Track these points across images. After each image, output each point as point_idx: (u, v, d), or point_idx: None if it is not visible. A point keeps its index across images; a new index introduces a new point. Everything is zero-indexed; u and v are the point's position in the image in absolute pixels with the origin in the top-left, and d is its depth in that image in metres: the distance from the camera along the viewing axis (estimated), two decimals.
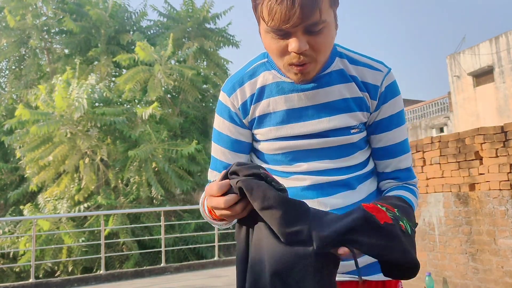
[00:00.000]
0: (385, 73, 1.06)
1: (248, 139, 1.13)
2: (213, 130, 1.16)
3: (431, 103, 20.24)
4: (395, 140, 1.10)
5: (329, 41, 0.95)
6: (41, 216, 10.70)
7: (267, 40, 0.96)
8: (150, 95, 11.92)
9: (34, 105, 12.48)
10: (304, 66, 0.95)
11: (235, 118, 1.10)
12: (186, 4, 14.71)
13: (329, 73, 1.03)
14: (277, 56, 0.97)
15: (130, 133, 11.51)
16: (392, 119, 1.08)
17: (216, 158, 1.16)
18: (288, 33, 0.91)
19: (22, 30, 14.31)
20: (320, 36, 0.92)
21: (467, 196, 4.55)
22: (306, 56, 0.94)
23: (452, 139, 4.72)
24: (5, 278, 11.23)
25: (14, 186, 13.11)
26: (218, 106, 1.14)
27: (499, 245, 4.19)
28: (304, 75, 0.98)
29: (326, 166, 1.05)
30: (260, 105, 1.07)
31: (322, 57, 0.96)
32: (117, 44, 14.15)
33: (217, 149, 1.15)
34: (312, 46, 0.92)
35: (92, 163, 11.69)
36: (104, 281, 6.88)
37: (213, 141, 1.16)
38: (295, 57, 0.93)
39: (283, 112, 1.05)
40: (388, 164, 1.11)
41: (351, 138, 1.05)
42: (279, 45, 0.94)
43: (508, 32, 15.84)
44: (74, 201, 11.38)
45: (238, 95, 1.09)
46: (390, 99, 1.07)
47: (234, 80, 1.10)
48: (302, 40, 0.91)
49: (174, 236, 10.60)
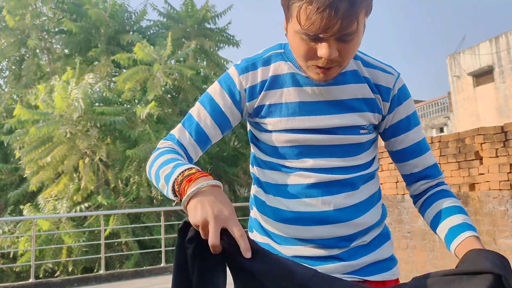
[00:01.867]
0: (396, 76, 1.08)
1: (233, 120, 1.09)
2: (205, 94, 1.10)
3: (431, 103, 20.25)
4: (418, 138, 1.10)
5: (356, 48, 0.96)
6: (41, 216, 10.70)
7: (295, 40, 0.95)
8: (149, 94, 11.92)
9: (34, 104, 12.48)
10: (330, 70, 0.96)
11: (237, 95, 1.07)
12: (186, 4, 14.72)
13: (344, 72, 1.04)
14: (303, 57, 0.96)
15: (129, 133, 11.51)
16: (410, 119, 1.09)
17: (194, 118, 1.08)
18: (321, 38, 0.91)
19: (22, 30, 14.31)
20: (350, 44, 0.92)
21: (467, 196, 4.55)
22: (333, 62, 0.94)
23: (452, 139, 4.72)
24: (5, 278, 11.23)
25: (14, 187, 13.11)
26: (223, 76, 1.10)
27: (499, 245, 4.19)
28: (326, 76, 0.98)
29: (332, 164, 1.04)
30: (272, 94, 1.05)
31: (347, 62, 0.97)
32: (117, 44, 14.15)
33: (201, 111, 1.08)
34: (341, 53, 0.93)
35: (91, 163, 11.69)
36: (104, 281, 6.88)
37: (199, 102, 1.10)
38: (322, 62, 0.94)
39: (296, 104, 1.04)
40: (417, 163, 1.11)
41: (359, 138, 1.05)
42: (308, 48, 0.94)
43: (508, 32, 15.84)
44: (74, 201, 11.38)
45: (250, 77, 1.06)
46: (404, 101, 1.09)
47: (249, 61, 1.08)
48: (333, 47, 0.91)
49: (174, 236, 10.59)
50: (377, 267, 1.05)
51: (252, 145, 1.16)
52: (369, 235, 1.07)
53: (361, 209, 1.05)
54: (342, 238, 1.02)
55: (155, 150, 1.07)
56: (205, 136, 1.08)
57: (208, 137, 1.08)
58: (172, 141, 1.08)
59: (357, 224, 1.03)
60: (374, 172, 1.13)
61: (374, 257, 1.05)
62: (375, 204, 1.11)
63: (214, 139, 1.10)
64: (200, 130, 1.07)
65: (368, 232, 1.07)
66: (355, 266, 1.03)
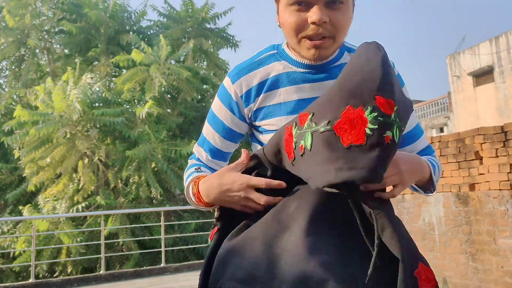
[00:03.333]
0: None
1: (241, 130, 1.14)
2: (210, 111, 1.17)
3: (431, 103, 20.24)
4: (413, 124, 1.13)
5: (346, 21, 0.98)
6: (40, 216, 10.69)
7: (286, 15, 0.98)
8: (147, 95, 11.92)
9: (34, 104, 12.48)
10: (323, 41, 0.97)
11: (235, 108, 1.10)
12: (185, 4, 14.71)
13: (339, 65, 1.05)
14: (294, 30, 0.98)
15: (129, 133, 11.51)
16: None
17: (205, 138, 1.18)
18: (309, 4, 0.95)
19: (22, 30, 14.30)
20: (339, 12, 0.96)
21: (467, 196, 4.54)
22: (325, 30, 0.96)
23: (452, 139, 4.72)
24: (5, 279, 11.23)
25: (14, 186, 13.10)
26: (220, 89, 1.13)
27: (499, 245, 4.19)
28: (320, 51, 0.99)
29: None
30: (271, 95, 1.06)
31: (339, 35, 0.98)
32: (117, 44, 14.13)
33: (209, 130, 1.17)
34: (332, 21, 0.95)
35: (91, 163, 11.68)
36: (104, 281, 6.87)
37: (207, 121, 1.18)
38: (313, 29, 0.96)
39: (294, 102, 1.05)
40: (413, 148, 1.13)
41: None
42: (299, 18, 0.96)
43: (508, 32, 15.84)
44: (73, 201, 11.37)
45: (243, 83, 1.08)
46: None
47: (241, 67, 1.10)
48: (323, 12, 0.94)
49: (174, 236, 10.59)
50: None
51: (256, 146, 1.17)
52: None
53: None
54: None
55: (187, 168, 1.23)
56: (219, 151, 1.18)
57: (222, 151, 1.19)
58: (194, 159, 1.23)
59: None
60: None
61: None
62: None
63: (230, 149, 1.20)
64: (212, 148, 1.17)
65: None
66: None
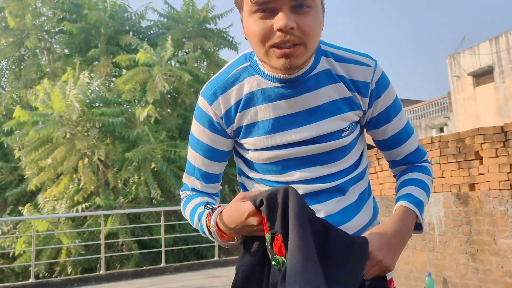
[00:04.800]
0: (373, 67, 1.02)
1: (227, 148, 1.10)
2: (191, 135, 1.11)
3: (431, 103, 20.24)
4: (398, 128, 1.08)
5: (317, 25, 0.90)
6: (40, 216, 10.69)
7: (250, 24, 0.90)
8: (148, 96, 11.92)
9: (34, 105, 12.47)
10: (293, 49, 0.88)
11: (218, 127, 1.05)
12: (186, 4, 14.70)
13: (316, 74, 0.98)
14: (259, 39, 0.89)
15: (129, 134, 11.51)
16: (389, 110, 1.06)
17: (194, 165, 1.12)
18: (274, 10, 0.87)
19: (22, 30, 14.30)
20: (307, 16, 0.87)
21: (467, 196, 4.54)
22: (294, 36, 0.87)
23: (452, 139, 4.72)
24: (4, 279, 11.23)
25: (14, 186, 13.10)
26: (197, 111, 1.07)
27: (499, 245, 4.19)
28: (291, 60, 0.89)
29: (318, 174, 1.02)
30: (247, 114, 1.01)
31: (310, 41, 0.89)
32: (117, 45, 14.14)
33: (195, 156, 1.11)
34: (300, 26, 0.87)
35: (91, 163, 11.68)
36: (104, 281, 6.88)
37: (190, 147, 1.12)
38: (280, 36, 0.87)
39: (272, 120, 1.00)
40: (398, 152, 1.11)
41: (343, 141, 1.02)
42: (264, 26, 0.88)
43: (508, 32, 15.84)
44: (73, 201, 11.37)
45: (221, 103, 1.02)
46: (383, 92, 1.04)
47: (216, 85, 1.03)
48: (289, 17, 0.85)
49: (174, 236, 10.59)
50: None
51: (237, 160, 1.14)
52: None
53: (352, 211, 1.04)
54: None
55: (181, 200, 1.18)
56: (210, 174, 1.13)
57: (213, 173, 1.13)
58: (187, 189, 1.17)
59: (349, 227, 1.01)
60: (363, 172, 1.10)
61: None
62: (366, 201, 1.09)
63: (222, 169, 1.15)
64: (204, 173, 1.12)
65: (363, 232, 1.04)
66: None
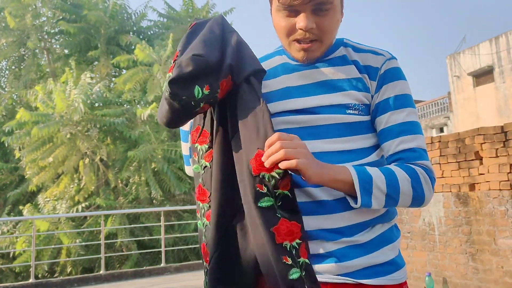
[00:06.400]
0: (387, 58, 1.06)
1: None
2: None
3: (431, 103, 20.24)
4: (392, 122, 1.02)
5: (334, 24, 1.02)
6: (41, 216, 10.69)
7: (277, 19, 1.04)
8: (150, 95, 11.92)
9: (34, 105, 12.48)
10: (311, 44, 1.02)
11: None
12: (186, 4, 14.71)
13: (331, 58, 1.07)
14: (284, 33, 1.03)
15: (129, 134, 11.51)
16: (388, 102, 1.03)
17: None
18: (297, 11, 0.99)
19: (22, 30, 14.30)
20: (326, 17, 0.99)
21: (467, 196, 4.55)
22: (312, 35, 1.00)
23: (452, 139, 4.72)
24: (4, 279, 11.23)
25: (14, 186, 13.10)
26: None
27: (499, 245, 4.19)
28: (308, 53, 1.03)
29: (318, 148, 0.99)
30: (265, 85, 1.09)
31: (326, 38, 1.02)
32: (117, 45, 14.14)
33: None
34: (318, 26, 0.99)
35: (92, 163, 11.68)
36: (104, 281, 6.88)
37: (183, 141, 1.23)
38: (301, 33, 1.00)
39: (283, 89, 1.08)
40: (390, 146, 1.02)
41: (346, 117, 1.01)
42: (288, 23, 1.01)
43: (508, 32, 15.84)
44: (74, 201, 11.37)
45: None
46: (390, 82, 1.04)
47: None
48: (309, 18, 0.98)
49: (174, 236, 10.59)
50: (373, 271, 0.97)
51: None
52: (364, 235, 0.99)
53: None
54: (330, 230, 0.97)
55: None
56: None
57: None
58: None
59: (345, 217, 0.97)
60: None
61: (368, 260, 0.97)
62: None
63: None
64: None
65: (363, 231, 0.99)
66: (349, 268, 0.96)
